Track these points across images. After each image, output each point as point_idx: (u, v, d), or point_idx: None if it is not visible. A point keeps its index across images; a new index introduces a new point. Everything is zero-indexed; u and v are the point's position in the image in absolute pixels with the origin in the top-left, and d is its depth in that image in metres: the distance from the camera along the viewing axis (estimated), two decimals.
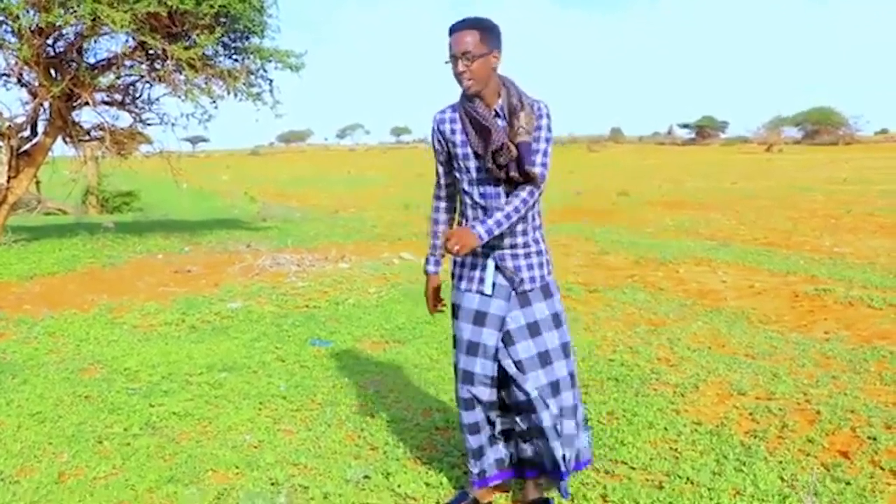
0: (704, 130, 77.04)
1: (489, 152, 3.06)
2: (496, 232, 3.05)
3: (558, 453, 3.24)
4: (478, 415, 3.31)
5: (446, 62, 3.09)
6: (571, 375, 3.30)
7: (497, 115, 3.12)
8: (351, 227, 15.07)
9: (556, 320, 3.27)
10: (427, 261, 3.49)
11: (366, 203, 21.83)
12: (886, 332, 6.29)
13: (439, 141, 3.26)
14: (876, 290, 7.86)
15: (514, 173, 3.06)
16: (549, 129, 3.16)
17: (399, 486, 3.69)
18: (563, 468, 3.27)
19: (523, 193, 3.08)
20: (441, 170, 3.34)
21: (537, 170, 3.09)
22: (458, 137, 3.17)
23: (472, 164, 3.16)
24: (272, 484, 3.75)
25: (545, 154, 3.13)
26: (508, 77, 3.19)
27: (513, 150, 3.04)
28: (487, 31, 3.05)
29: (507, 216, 3.06)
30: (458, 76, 3.07)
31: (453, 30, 3.06)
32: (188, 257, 10.52)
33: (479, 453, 3.38)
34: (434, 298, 3.53)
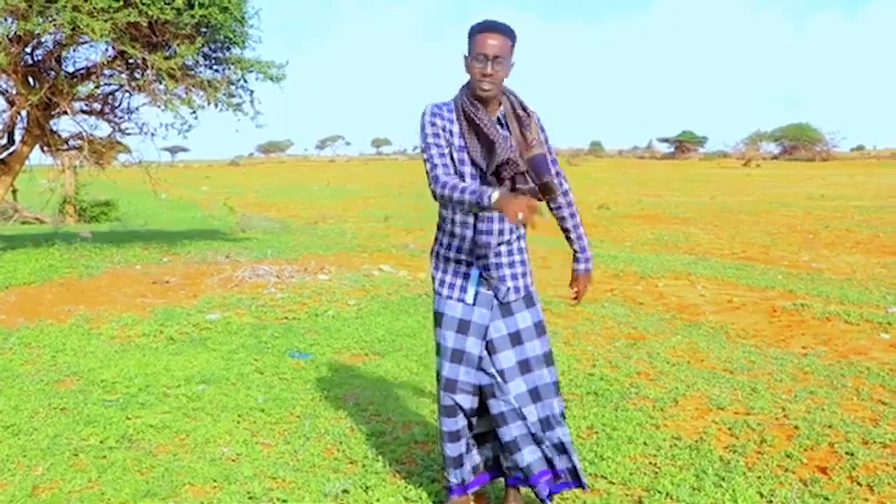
0: (684, 145, 77.51)
1: (493, 165, 3.05)
2: (589, 248, 3.51)
3: (536, 456, 3.24)
4: (459, 422, 3.29)
5: (466, 56, 3.07)
6: (556, 384, 3.30)
7: (500, 122, 3.13)
8: (331, 238, 15.03)
9: (539, 329, 3.28)
10: (489, 191, 2.83)
11: (346, 214, 21.80)
12: (863, 348, 6.35)
13: (441, 131, 3.10)
14: (853, 305, 7.93)
15: (521, 185, 3.06)
16: (547, 141, 3.24)
17: (378, 500, 3.66)
18: (545, 470, 3.27)
19: (574, 208, 3.41)
20: (446, 151, 3.09)
21: (556, 182, 3.19)
22: (456, 141, 3.13)
23: (468, 170, 3.12)
24: (250, 498, 3.72)
25: (555, 163, 3.24)
26: (507, 86, 3.19)
27: (520, 164, 3.06)
28: (515, 41, 3.08)
29: (582, 237, 3.48)
30: (483, 77, 3.03)
31: (488, 28, 3.03)
32: (166, 268, 10.44)
33: (458, 462, 3.37)
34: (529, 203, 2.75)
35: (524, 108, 3.17)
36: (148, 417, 4.77)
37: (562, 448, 3.27)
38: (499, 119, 3.14)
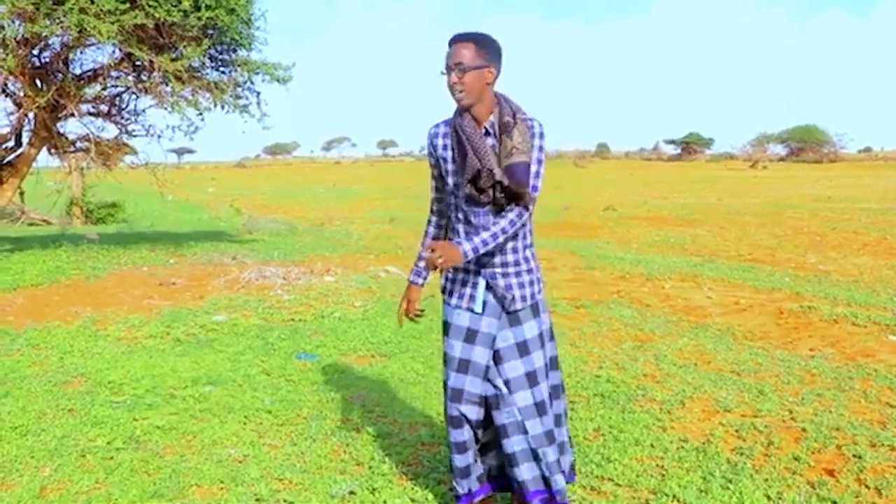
0: (690, 146, 77.34)
1: (465, 176, 3.05)
2: (481, 251, 3.05)
3: (533, 474, 3.25)
4: (465, 434, 3.28)
5: (441, 73, 3.08)
6: (552, 392, 3.31)
7: (487, 132, 3.10)
8: (337, 240, 15.04)
9: (543, 339, 3.27)
10: (414, 272, 3.45)
11: (352, 216, 21.80)
12: (871, 350, 6.32)
13: (431, 155, 3.26)
14: (860, 307, 7.90)
15: (499, 194, 3.05)
16: (541, 150, 3.13)
17: (385, 501, 3.67)
18: (541, 490, 3.27)
19: (511, 214, 3.08)
20: (434, 184, 3.35)
21: (530, 190, 3.07)
22: (449, 154, 3.17)
23: (458, 180, 3.15)
24: (257, 500, 3.72)
25: (537, 176, 3.10)
26: (504, 93, 3.17)
27: (496, 173, 3.03)
28: (484, 45, 3.05)
29: (494, 236, 3.06)
30: (451, 87, 3.05)
31: (451, 42, 3.07)
32: (173, 270, 10.46)
33: (465, 472, 3.36)
34: (408, 309, 3.46)
35: (513, 115, 3.11)
36: (155, 419, 4.78)
37: (557, 466, 3.29)
38: (486, 129, 3.11)
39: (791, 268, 10.94)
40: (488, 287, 3.20)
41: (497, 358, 3.22)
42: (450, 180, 3.19)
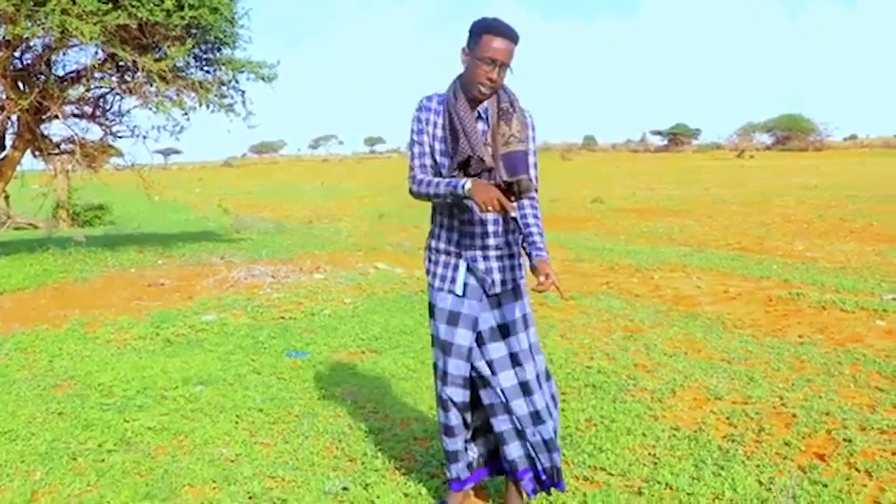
0: (677, 137, 77.45)
1: (455, 160, 3.05)
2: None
3: (519, 453, 3.27)
4: (452, 418, 3.30)
5: (466, 51, 3.04)
6: (538, 375, 3.30)
7: (480, 117, 3.11)
8: (325, 237, 15.02)
9: (525, 322, 3.27)
10: (462, 182, 2.98)
11: (340, 213, 21.78)
12: (859, 336, 6.36)
13: (422, 130, 3.17)
14: (848, 293, 7.94)
15: (498, 180, 3.04)
16: (534, 141, 3.17)
17: (378, 497, 3.66)
18: (528, 468, 3.30)
19: (536, 212, 3.22)
20: (427, 150, 3.16)
21: (532, 182, 3.08)
22: (439, 132, 3.14)
23: (448, 161, 3.13)
24: (250, 498, 3.71)
25: (535, 166, 3.16)
26: None
27: (486, 160, 3.03)
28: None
29: (542, 234, 3.20)
30: (488, 81, 3.00)
31: (501, 33, 2.97)
32: (161, 270, 10.42)
33: (454, 457, 3.38)
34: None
35: (511, 103, 3.12)
36: (146, 420, 4.76)
37: (545, 446, 3.29)
38: (479, 114, 3.11)
39: (779, 255, 10.99)
40: (469, 269, 3.21)
41: (480, 339, 3.24)
42: (437, 159, 3.16)
